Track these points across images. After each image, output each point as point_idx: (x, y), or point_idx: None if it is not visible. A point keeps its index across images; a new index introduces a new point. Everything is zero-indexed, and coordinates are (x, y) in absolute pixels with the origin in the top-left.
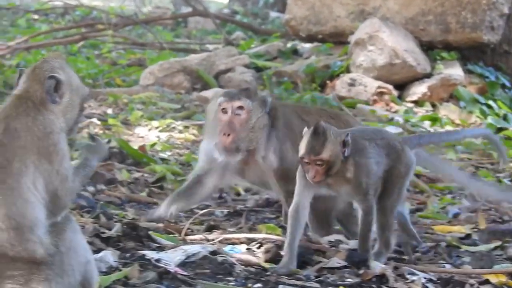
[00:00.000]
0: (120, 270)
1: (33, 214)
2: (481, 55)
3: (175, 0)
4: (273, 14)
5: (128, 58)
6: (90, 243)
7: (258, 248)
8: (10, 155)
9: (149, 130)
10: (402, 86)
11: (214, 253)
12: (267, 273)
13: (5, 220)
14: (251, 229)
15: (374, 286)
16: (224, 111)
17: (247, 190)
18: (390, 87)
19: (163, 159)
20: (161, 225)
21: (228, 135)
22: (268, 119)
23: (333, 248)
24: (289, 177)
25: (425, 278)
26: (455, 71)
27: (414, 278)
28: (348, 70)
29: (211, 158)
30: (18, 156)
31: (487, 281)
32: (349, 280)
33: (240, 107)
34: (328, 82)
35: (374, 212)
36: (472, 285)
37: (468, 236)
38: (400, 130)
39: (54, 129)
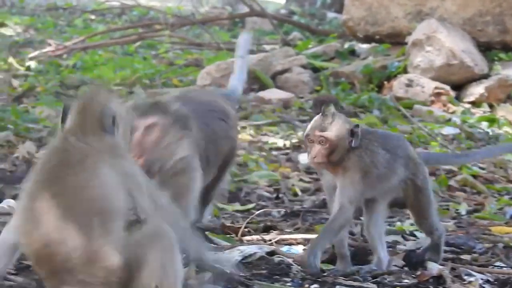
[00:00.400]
0: None
1: (110, 221)
2: None
3: (230, 1)
4: (331, 14)
5: (185, 59)
6: None
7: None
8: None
9: None
10: (459, 87)
11: (271, 253)
12: (324, 274)
13: (82, 225)
14: (308, 230)
15: (431, 287)
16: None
17: (304, 191)
18: (448, 87)
19: None
20: (218, 225)
21: (139, 157)
22: (182, 131)
23: (390, 248)
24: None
25: (482, 279)
26: None
27: (471, 279)
28: (405, 71)
29: None
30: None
31: None
32: (406, 281)
33: (152, 125)
34: (385, 82)
35: (345, 220)
36: None
37: None
38: (457, 131)
39: None
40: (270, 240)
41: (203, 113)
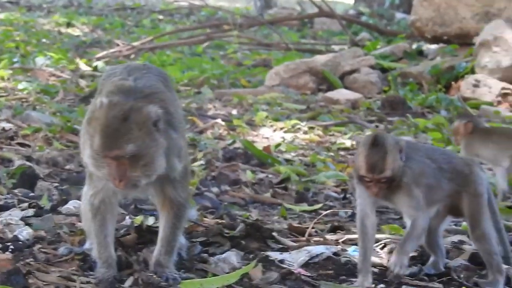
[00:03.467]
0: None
1: None
2: None
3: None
4: (399, 15)
5: (254, 59)
6: (213, 243)
7: (382, 249)
8: None
9: (274, 131)
10: None
11: (337, 254)
12: None
13: None
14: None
15: None
16: (106, 159)
17: None
18: None
19: (287, 160)
20: (285, 226)
21: (120, 181)
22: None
23: (456, 248)
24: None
25: None
26: None
27: None
28: (473, 71)
29: None
30: None
31: None
32: (472, 280)
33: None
34: (453, 83)
35: (422, 229)
36: None
37: None
38: None
39: None
40: (337, 240)
41: None
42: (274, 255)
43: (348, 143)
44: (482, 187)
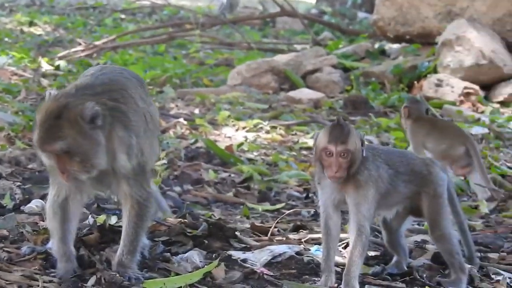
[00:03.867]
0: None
1: None
2: None
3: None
4: (361, 14)
5: (216, 58)
6: (176, 242)
7: (344, 248)
8: None
9: (236, 130)
10: (488, 87)
11: (300, 253)
12: None
13: None
14: None
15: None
16: (46, 156)
17: None
18: (477, 87)
19: (250, 159)
20: (247, 225)
21: (63, 173)
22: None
23: (419, 248)
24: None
25: (510, 278)
26: None
27: (499, 278)
28: (435, 71)
29: None
30: None
31: None
32: (435, 279)
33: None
34: (415, 82)
35: (366, 238)
36: None
37: None
38: (486, 130)
39: None
40: (299, 240)
41: None
42: (237, 255)
43: (310, 142)
44: (441, 188)
